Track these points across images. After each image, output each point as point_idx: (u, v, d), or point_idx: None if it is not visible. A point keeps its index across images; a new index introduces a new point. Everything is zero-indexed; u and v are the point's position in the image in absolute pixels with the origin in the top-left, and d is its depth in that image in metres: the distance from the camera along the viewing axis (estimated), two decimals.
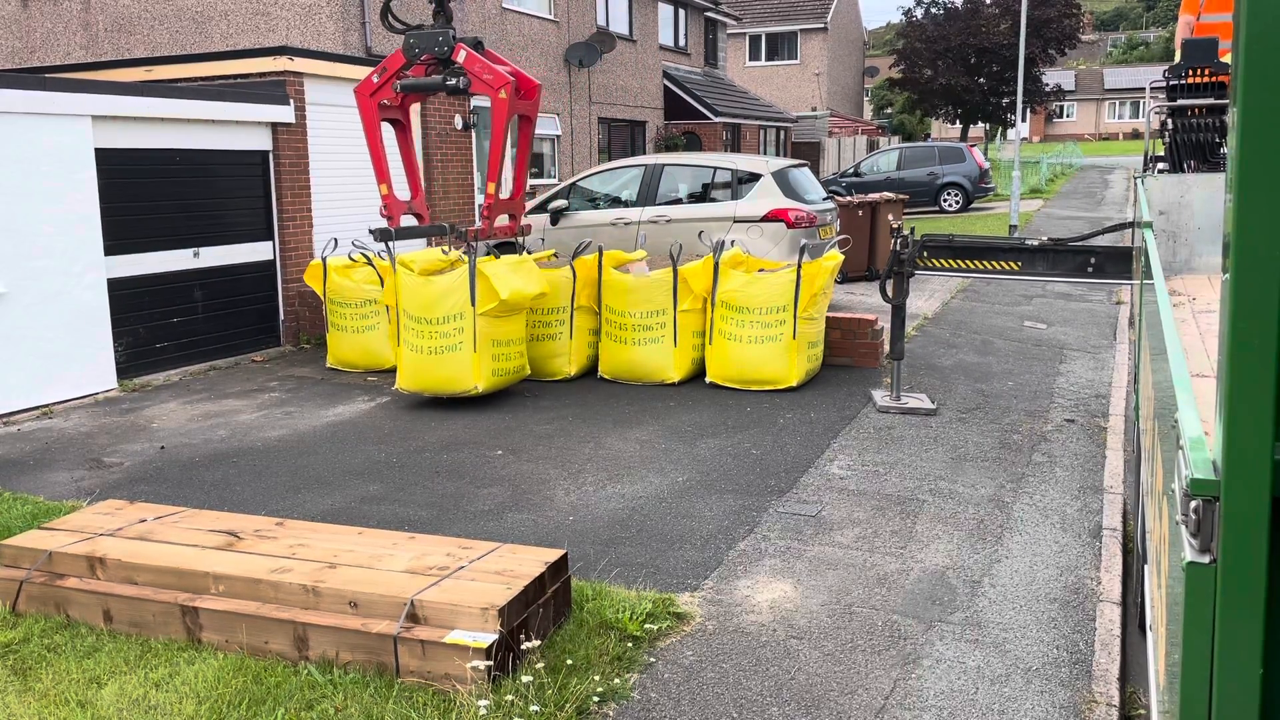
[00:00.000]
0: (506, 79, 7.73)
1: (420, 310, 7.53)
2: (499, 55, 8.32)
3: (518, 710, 3.42)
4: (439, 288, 7.50)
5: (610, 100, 22.64)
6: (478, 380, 7.55)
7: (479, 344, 7.50)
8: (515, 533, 5.22)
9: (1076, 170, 39.43)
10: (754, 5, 42.46)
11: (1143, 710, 3.81)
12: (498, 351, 7.71)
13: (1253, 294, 1.55)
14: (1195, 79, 5.87)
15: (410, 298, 7.56)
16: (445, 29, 7.93)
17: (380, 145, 8.29)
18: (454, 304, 7.46)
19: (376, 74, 8.15)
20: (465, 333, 7.47)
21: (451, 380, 7.59)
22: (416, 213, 8.50)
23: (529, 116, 8.30)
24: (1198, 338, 3.68)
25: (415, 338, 7.57)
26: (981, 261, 7.40)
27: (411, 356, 7.63)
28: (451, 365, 7.53)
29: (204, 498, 5.87)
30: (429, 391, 7.73)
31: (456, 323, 7.47)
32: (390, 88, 8.09)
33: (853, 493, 5.80)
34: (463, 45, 7.88)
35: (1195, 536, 1.69)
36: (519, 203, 8.53)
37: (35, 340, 7.91)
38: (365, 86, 8.17)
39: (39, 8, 15.28)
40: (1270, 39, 1.50)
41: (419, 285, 7.56)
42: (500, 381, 7.80)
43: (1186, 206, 5.48)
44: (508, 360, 7.83)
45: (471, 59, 7.83)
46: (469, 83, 7.89)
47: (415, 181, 8.54)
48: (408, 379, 7.71)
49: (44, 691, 3.70)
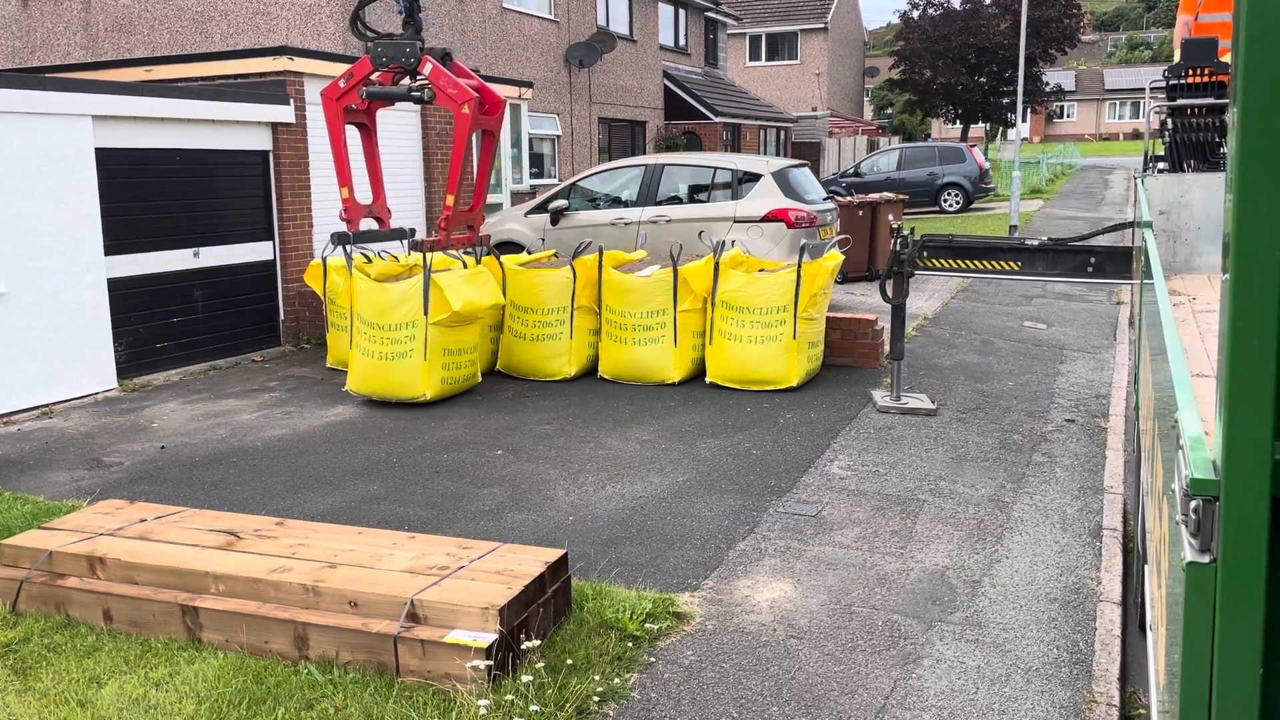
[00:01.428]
0: (470, 94, 7.78)
1: (374, 315, 7.60)
2: (465, 69, 8.38)
3: (518, 710, 3.43)
4: (393, 295, 7.57)
5: (610, 100, 22.64)
6: (426, 388, 7.61)
7: (429, 353, 7.55)
8: (515, 532, 5.22)
9: (1077, 170, 39.43)
10: (754, 5, 42.47)
11: (1143, 710, 3.82)
12: (448, 360, 7.77)
13: (1253, 294, 1.55)
14: (1195, 79, 5.87)
15: (365, 303, 7.64)
16: (414, 40, 7.98)
17: (344, 149, 8.38)
18: (406, 311, 7.53)
19: (343, 79, 8.24)
20: (416, 340, 7.52)
21: (400, 386, 7.65)
22: (377, 216, 8.60)
23: (492, 131, 8.38)
24: (1198, 338, 3.68)
25: (367, 342, 7.65)
26: (981, 261, 7.40)
27: (363, 360, 7.71)
28: (401, 371, 7.60)
29: (204, 497, 5.87)
30: (378, 395, 7.79)
31: (408, 330, 7.53)
32: (356, 93, 8.17)
33: (853, 493, 5.80)
34: (429, 58, 7.92)
35: (1195, 536, 1.69)
36: (478, 214, 8.62)
37: (35, 340, 7.91)
38: (331, 90, 8.25)
39: (39, 8, 15.28)
40: (1270, 39, 1.50)
41: (373, 291, 7.63)
42: (449, 389, 7.88)
43: (1186, 206, 5.48)
44: (458, 369, 7.91)
45: (437, 72, 7.89)
46: (434, 94, 7.95)
47: (378, 186, 8.63)
48: (357, 382, 7.81)
49: (44, 691, 3.70)
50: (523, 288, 8.57)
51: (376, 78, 8.19)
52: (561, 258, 9.20)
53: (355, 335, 7.76)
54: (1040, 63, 40.95)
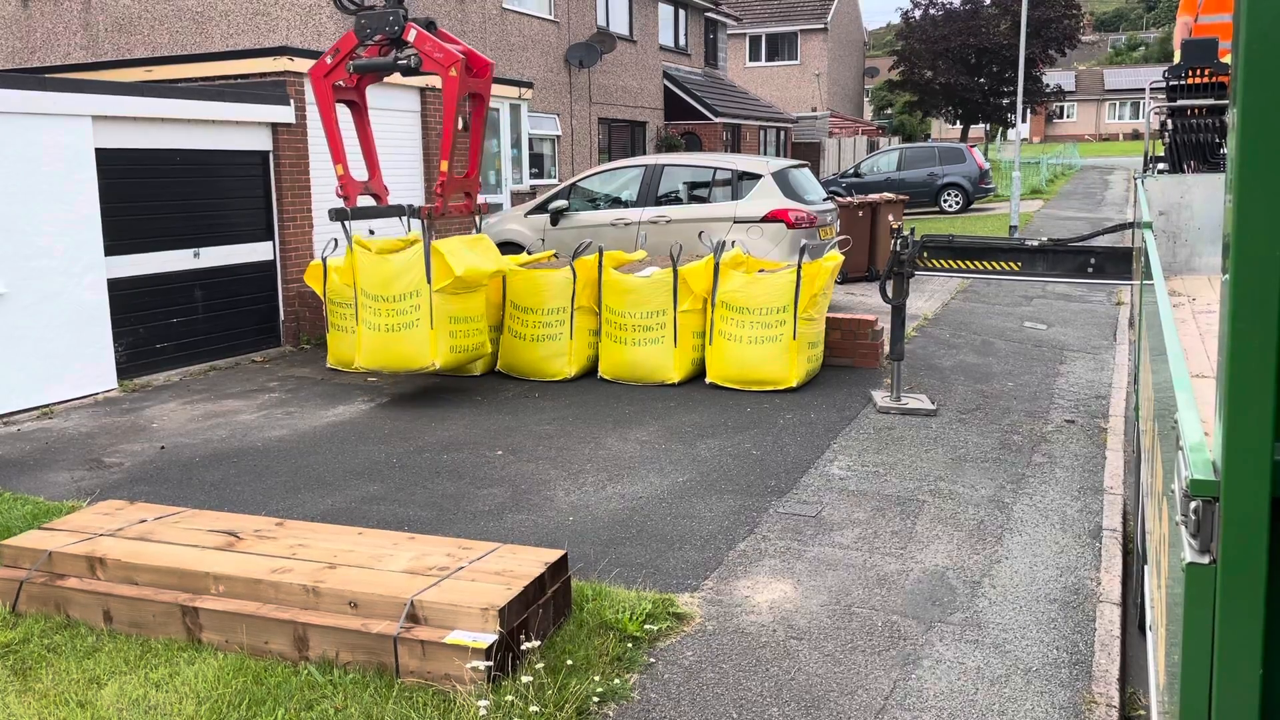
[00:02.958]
0: (456, 57, 7.79)
1: (377, 288, 7.62)
2: (452, 35, 8.34)
3: (518, 710, 3.42)
4: (395, 265, 7.59)
5: (610, 101, 22.65)
6: (435, 356, 7.62)
7: (436, 320, 7.55)
8: (515, 533, 5.22)
9: (1076, 171, 39.41)
10: (754, 6, 42.49)
11: (1143, 711, 3.81)
12: (455, 328, 7.75)
13: (1253, 294, 1.55)
14: (1195, 79, 5.87)
15: (367, 276, 7.66)
16: (396, 8, 7.98)
17: (335, 126, 8.34)
18: (410, 281, 7.54)
19: (330, 55, 8.18)
20: (422, 310, 7.54)
21: (409, 357, 7.65)
22: (374, 193, 8.59)
23: (481, 95, 8.33)
24: (1198, 338, 3.68)
25: (373, 315, 7.66)
26: (981, 262, 7.40)
27: (370, 335, 7.72)
28: (409, 342, 7.61)
29: (204, 498, 5.87)
30: (388, 369, 7.81)
31: (413, 299, 7.54)
32: (343, 69, 8.13)
33: (853, 493, 5.79)
34: (413, 24, 7.93)
35: (1195, 537, 1.69)
36: (474, 180, 8.55)
37: (35, 340, 7.91)
38: (319, 68, 8.21)
39: (39, 8, 15.28)
40: (1270, 39, 1.50)
41: (375, 263, 7.65)
42: (459, 358, 7.86)
43: (1186, 206, 5.48)
44: (466, 337, 7.87)
45: (422, 38, 7.88)
46: (420, 61, 7.94)
47: (373, 163, 8.63)
48: (366, 356, 7.80)
49: (44, 691, 3.70)
50: (523, 288, 8.57)
51: (364, 53, 8.16)
52: (561, 258, 9.20)
53: (360, 310, 7.77)
54: (1040, 63, 40.97)
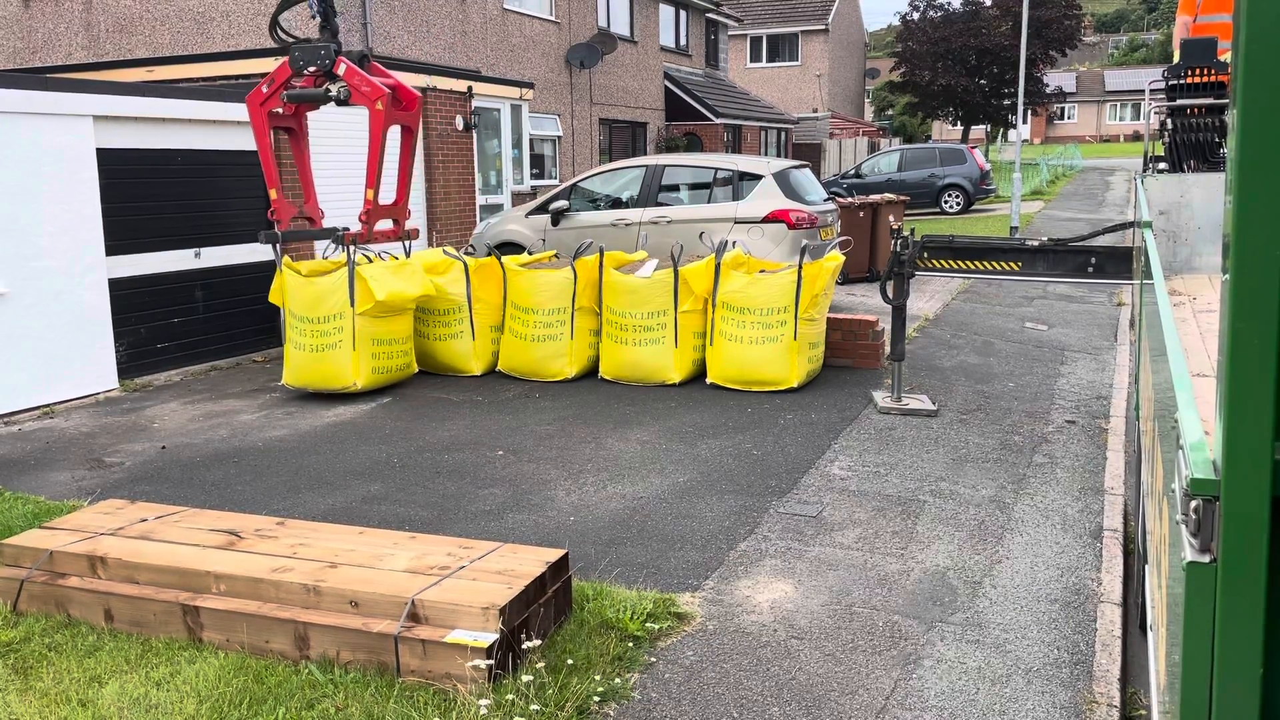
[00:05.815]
0: (383, 91, 8.17)
1: (304, 310, 7.94)
2: (384, 69, 8.68)
3: (518, 710, 3.43)
4: (320, 288, 7.91)
5: (611, 101, 22.65)
6: (356, 377, 7.94)
7: (358, 342, 7.90)
8: (516, 533, 5.22)
9: (1077, 172, 39.40)
10: (755, 7, 42.49)
11: (1143, 710, 3.82)
12: (378, 350, 8.08)
13: (1253, 294, 1.55)
14: (1195, 79, 5.87)
15: (295, 298, 8.00)
16: (329, 42, 8.34)
17: (270, 152, 8.67)
18: (334, 304, 7.88)
19: (265, 84, 8.52)
20: (345, 331, 7.87)
21: (332, 376, 7.96)
22: (308, 216, 8.91)
23: (410, 127, 8.75)
24: (1198, 338, 3.68)
25: (300, 335, 7.99)
26: (982, 262, 7.40)
27: (296, 354, 8.05)
28: (332, 362, 7.92)
29: (205, 497, 5.87)
30: (312, 387, 8.09)
31: (336, 321, 7.87)
32: (278, 97, 8.46)
33: (853, 493, 5.80)
34: (344, 59, 8.30)
35: (1195, 536, 1.69)
36: (403, 208, 8.91)
37: (36, 340, 7.92)
38: (255, 96, 8.54)
39: (41, 8, 15.29)
40: (1270, 39, 1.50)
41: (302, 285, 7.97)
42: (381, 379, 8.19)
43: (1186, 206, 5.48)
44: (390, 359, 8.22)
45: (351, 72, 8.27)
46: (349, 94, 8.29)
47: (308, 188, 8.96)
48: (292, 375, 8.12)
49: (45, 690, 3.71)
50: (523, 288, 8.58)
51: (300, 83, 8.46)
52: (562, 258, 9.20)
53: (288, 330, 8.09)
54: (1041, 64, 40.95)
